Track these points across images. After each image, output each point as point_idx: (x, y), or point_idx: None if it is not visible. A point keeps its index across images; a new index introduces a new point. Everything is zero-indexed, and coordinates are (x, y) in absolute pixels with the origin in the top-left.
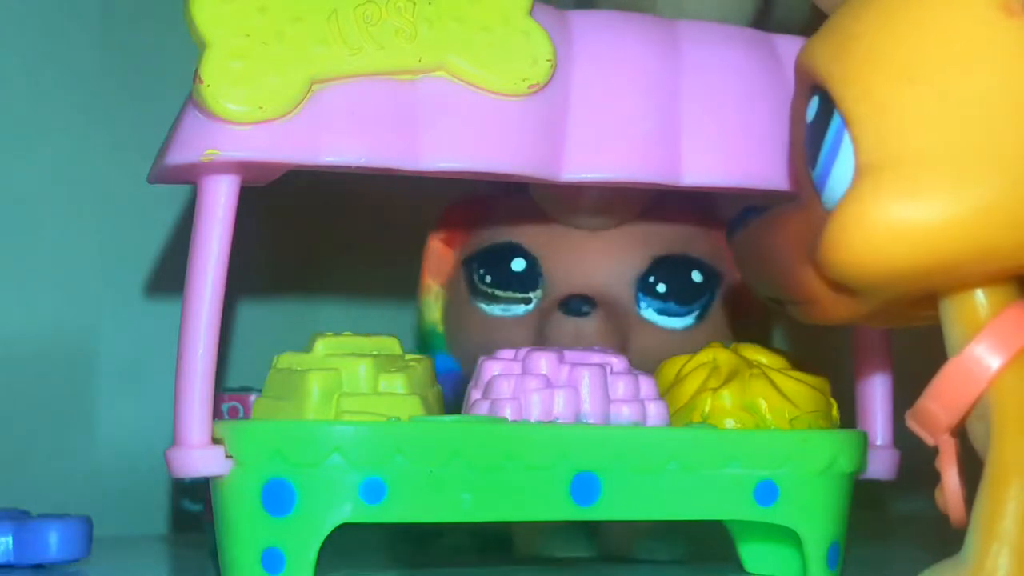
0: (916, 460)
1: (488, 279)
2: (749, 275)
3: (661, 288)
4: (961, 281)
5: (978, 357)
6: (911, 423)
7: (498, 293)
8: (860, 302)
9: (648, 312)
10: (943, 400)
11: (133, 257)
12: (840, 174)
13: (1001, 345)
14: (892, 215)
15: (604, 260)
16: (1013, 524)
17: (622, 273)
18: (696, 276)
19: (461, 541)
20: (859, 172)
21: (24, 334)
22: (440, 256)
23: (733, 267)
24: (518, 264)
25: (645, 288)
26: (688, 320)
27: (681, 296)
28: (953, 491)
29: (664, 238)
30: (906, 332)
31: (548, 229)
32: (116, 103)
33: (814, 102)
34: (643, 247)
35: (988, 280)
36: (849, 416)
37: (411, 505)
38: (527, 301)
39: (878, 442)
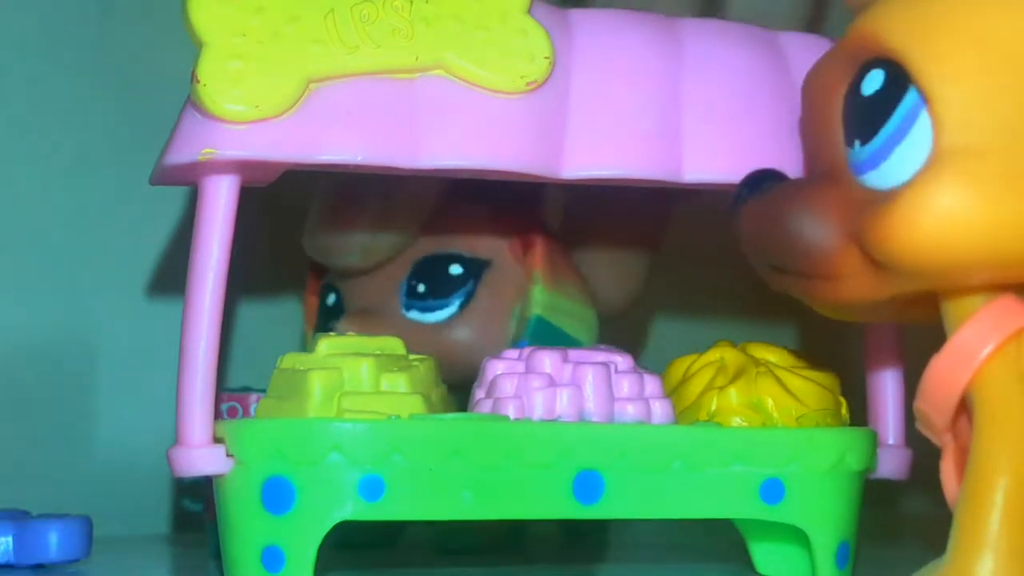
0: (929, 459)
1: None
2: (757, 242)
3: (421, 288)
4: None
5: (962, 347)
6: (918, 426)
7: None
8: (890, 286)
9: (413, 313)
10: (931, 399)
11: (133, 257)
12: (908, 153)
13: (988, 333)
14: (972, 203)
15: (376, 278)
16: (998, 527)
17: (391, 286)
18: (455, 269)
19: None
20: (939, 155)
21: (24, 334)
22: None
23: (511, 247)
24: (331, 299)
25: (410, 293)
26: (450, 310)
27: (439, 291)
28: (951, 498)
29: (430, 240)
30: (919, 330)
31: None
32: (116, 103)
33: (875, 75)
34: (410, 255)
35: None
36: (862, 415)
37: (410, 503)
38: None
39: (890, 441)
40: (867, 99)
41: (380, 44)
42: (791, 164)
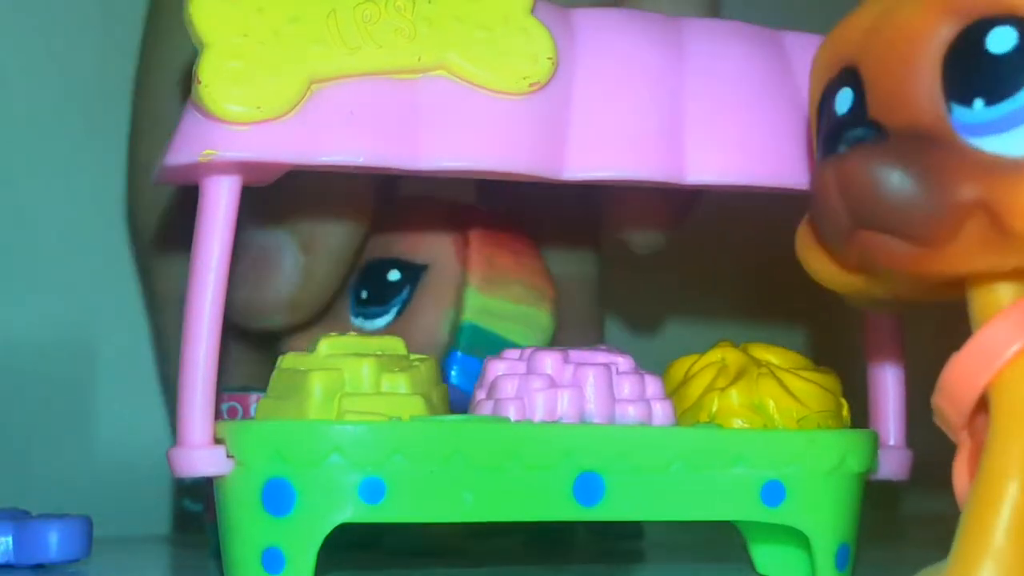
0: (930, 460)
1: None
2: (848, 195)
3: (364, 295)
4: None
5: (985, 345)
6: (936, 421)
7: None
8: (1003, 259)
9: (359, 320)
10: (949, 396)
11: (133, 257)
12: None
13: (1014, 332)
14: None
15: None
16: (1004, 536)
17: (344, 291)
18: (392, 275)
19: None
20: None
21: (24, 334)
22: None
23: (455, 244)
24: None
25: (356, 299)
26: (388, 317)
27: (378, 298)
28: (961, 498)
29: (376, 242)
30: (920, 330)
31: None
32: (116, 103)
33: (1004, 33)
34: (362, 258)
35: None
36: (863, 417)
37: (411, 505)
38: None
39: (890, 442)
40: (997, 57)
41: (382, 45)
42: (795, 164)
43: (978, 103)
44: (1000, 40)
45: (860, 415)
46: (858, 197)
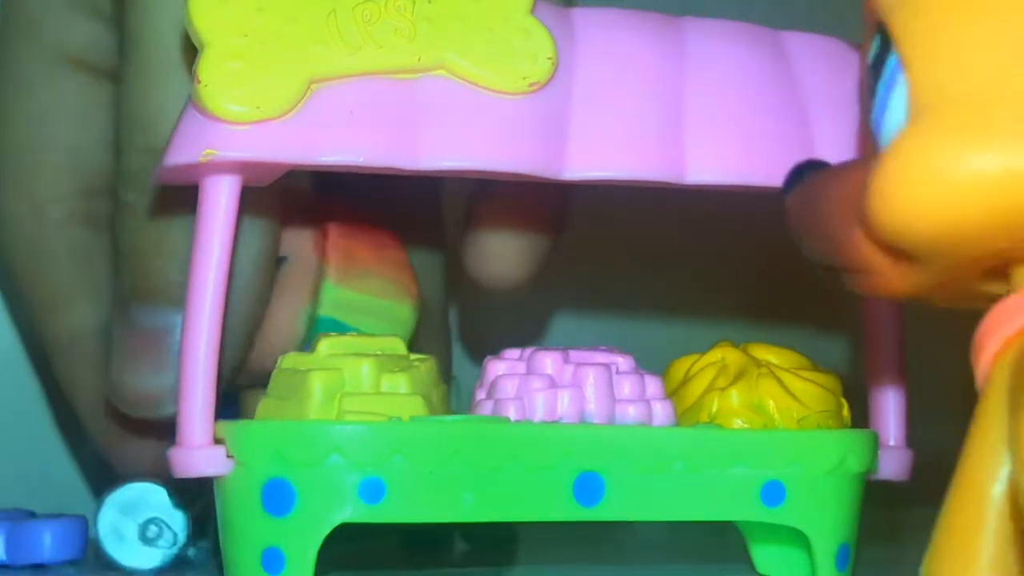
0: (930, 460)
1: None
2: (805, 239)
3: None
4: None
5: (996, 318)
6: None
7: None
8: (919, 270)
9: None
10: (976, 363)
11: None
12: (893, 117)
13: (1016, 312)
14: (948, 162)
15: None
16: (981, 535)
17: None
18: None
19: None
20: (914, 114)
21: (24, 334)
22: None
23: (312, 241)
24: None
25: None
26: None
27: None
28: None
29: None
30: (920, 330)
31: None
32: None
33: (876, 41)
34: None
35: None
36: (863, 417)
37: (411, 505)
38: None
39: (891, 443)
40: (870, 66)
41: (382, 44)
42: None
43: (873, 115)
44: (873, 49)
45: (860, 415)
46: (800, 237)
